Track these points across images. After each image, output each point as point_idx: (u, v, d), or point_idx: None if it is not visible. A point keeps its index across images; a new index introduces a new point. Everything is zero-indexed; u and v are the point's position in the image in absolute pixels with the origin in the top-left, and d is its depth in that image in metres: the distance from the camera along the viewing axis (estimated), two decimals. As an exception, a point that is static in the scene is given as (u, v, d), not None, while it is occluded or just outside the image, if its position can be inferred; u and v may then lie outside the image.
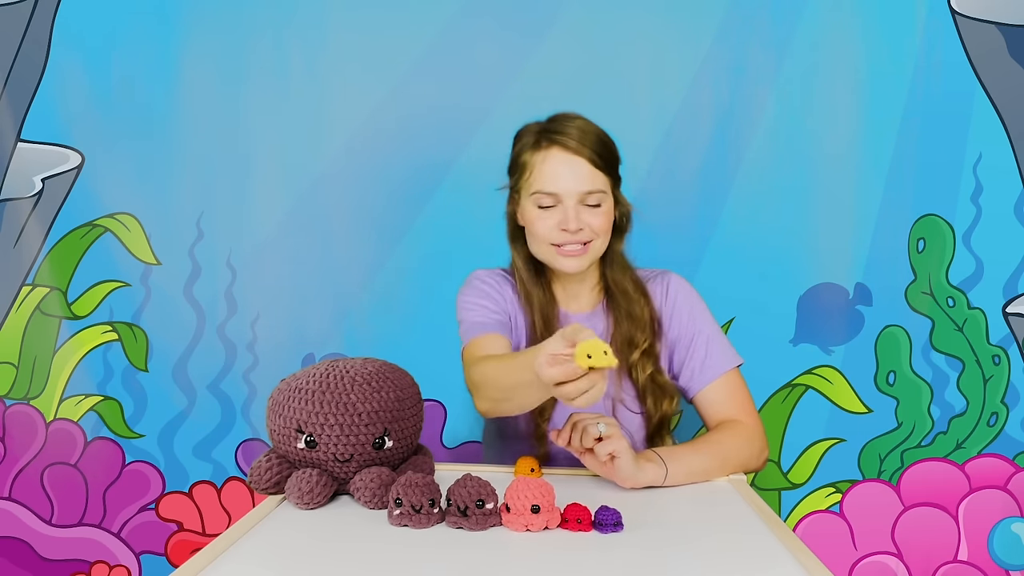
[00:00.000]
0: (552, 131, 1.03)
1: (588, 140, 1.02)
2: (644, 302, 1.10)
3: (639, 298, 1.10)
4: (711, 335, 1.11)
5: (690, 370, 1.10)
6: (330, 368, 0.84)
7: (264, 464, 0.84)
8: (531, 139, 1.05)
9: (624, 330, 1.09)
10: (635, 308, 1.09)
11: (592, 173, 1.01)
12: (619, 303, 1.10)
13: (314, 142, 1.54)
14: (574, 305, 1.14)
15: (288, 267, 1.56)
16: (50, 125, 1.54)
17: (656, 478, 0.89)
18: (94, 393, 1.59)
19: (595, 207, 1.03)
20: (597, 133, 1.04)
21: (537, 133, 1.05)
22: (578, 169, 1.01)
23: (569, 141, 1.01)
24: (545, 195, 1.02)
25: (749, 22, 1.47)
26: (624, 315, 1.10)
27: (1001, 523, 1.52)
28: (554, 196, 1.02)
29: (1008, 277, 1.48)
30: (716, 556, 0.70)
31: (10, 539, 1.61)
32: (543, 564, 0.67)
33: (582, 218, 1.02)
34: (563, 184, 1.01)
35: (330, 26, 1.51)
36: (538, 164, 1.03)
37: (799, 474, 1.55)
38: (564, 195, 1.01)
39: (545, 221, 1.03)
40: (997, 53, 1.44)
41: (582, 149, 1.01)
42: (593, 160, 1.01)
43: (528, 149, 1.05)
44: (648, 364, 1.08)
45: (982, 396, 1.51)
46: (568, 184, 1.01)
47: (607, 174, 1.04)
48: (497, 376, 0.93)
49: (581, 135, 1.02)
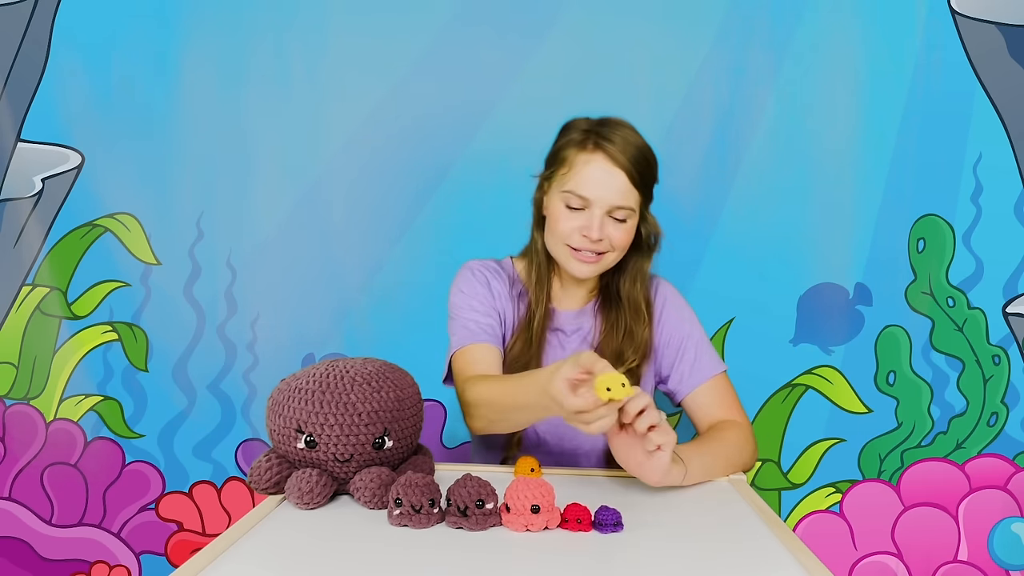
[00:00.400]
0: (600, 135, 1.02)
1: (631, 153, 1.01)
2: (648, 325, 1.11)
3: (645, 318, 1.10)
4: (699, 339, 1.13)
5: (680, 373, 1.11)
6: (330, 368, 0.84)
7: (264, 464, 0.84)
8: (578, 136, 1.04)
9: (615, 343, 1.10)
10: (638, 327, 1.09)
11: (627, 188, 1.01)
12: (621, 315, 1.10)
13: (314, 142, 1.54)
14: (564, 303, 1.15)
15: (288, 267, 1.56)
16: (50, 125, 1.54)
17: (678, 477, 0.88)
18: (94, 393, 1.59)
19: (621, 222, 1.03)
20: (641, 148, 1.03)
21: (584, 132, 1.04)
22: (615, 181, 1.01)
23: (614, 150, 1.00)
24: (576, 197, 1.02)
25: (749, 23, 1.47)
26: (623, 328, 1.10)
27: (1001, 523, 1.52)
28: (584, 200, 1.02)
29: (1008, 277, 1.48)
30: (716, 556, 0.70)
31: (10, 539, 1.61)
32: (543, 564, 0.67)
33: (606, 229, 1.02)
34: (596, 191, 1.01)
35: (330, 26, 1.51)
36: (579, 164, 1.02)
37: (799, 474, 1.55)
38: (595, 202, 1.01)
39: (569, 222, 1.03)
40: (997, 53, 1.44)
41: (624, 161, 1.00)
42: (631, 175, 1.01)
43: (573, 146, 1.04)
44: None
45: (982, 396, 1.51)
46: (601, 193, 1.01)
47: (641, 192, 1.03)
48: (500, 397, 0.93)
49: (625, 146, 1.01)
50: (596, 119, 1.06)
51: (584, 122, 1.06)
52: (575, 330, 1.14)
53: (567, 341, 1.13)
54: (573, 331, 1.14)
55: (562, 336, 1.13)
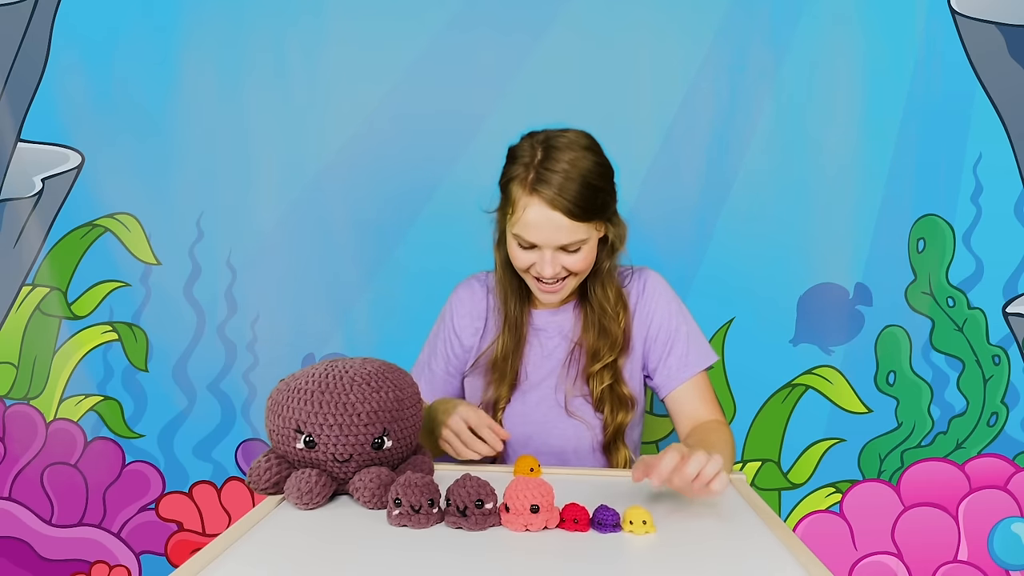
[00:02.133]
0: (539, 175, 0.99)
1: (571, 191, 0.98)
2: (622, 316, 1.11)
3: (617, 312, 1.11)
4: (688, 333, 1.13)
5: (666, 368, 1.12)
6: (329, 368, 0.84)
7: (263, 464, 0.84)
8: (520, 172, 1.01)
9: (591, 341, 1.11)
10: (610, 324, 1.10)
11: (570, 226, 0.99)
12: (594, 312, 1.11)
13: (314, 142, 1.54)
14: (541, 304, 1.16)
15: (288, 267, 1.56)
16: (50, 125, 1.54)
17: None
18: (94, 393, 1.59)
19: (574, 251, 1.03)
20: (583, 177, 0.99)
21: (526, 166, 1.01)
22: (556, 224, 0.99)
23: (551, 193, 0.97)
24: (524, 240, 1.02)
25: (749, 22, 1.47)
26: (596, 328, 1.11)
27: (1001, 523, 1.52)
28: (531, 243, 1.02)
29: (1008, 277, 1.48)
30: (716, 556, 0.70)
31: (10, 539, 1.61)
32: (542, 564, 0.67)
33: (559, 262, 1.03)
34: (540, 236, 1.01)
35: (330, 27, 1.51)
36: (520, 208, 1.01)
37: (799, 474, 1.55)
38: (542, 245, 1.02)
39: (524, 257, 1.05)
40: (997, 53, 1.44)
41: (563, 203, 0.98)
42: (572, 213, 0.98)
43: (517, 183, 1.01)
44: (607, 376, 1.10)
45: (982, 396, 1.51)
46: (545, 236, 1.01)
47: (589, 221, 1.01)
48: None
49: (564, 183, 0.97)
50: (541, 140, 1.02)
51: (528, 149, 1.02)
52: (555, 329, 1.15)
53: (548, 340, 1.15)
54: (554, 331, 1.15)
55: (543, 336, 1.15)
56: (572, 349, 1.13)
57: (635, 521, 0.74)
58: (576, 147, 1.01)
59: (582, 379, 1.12)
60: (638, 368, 1.14)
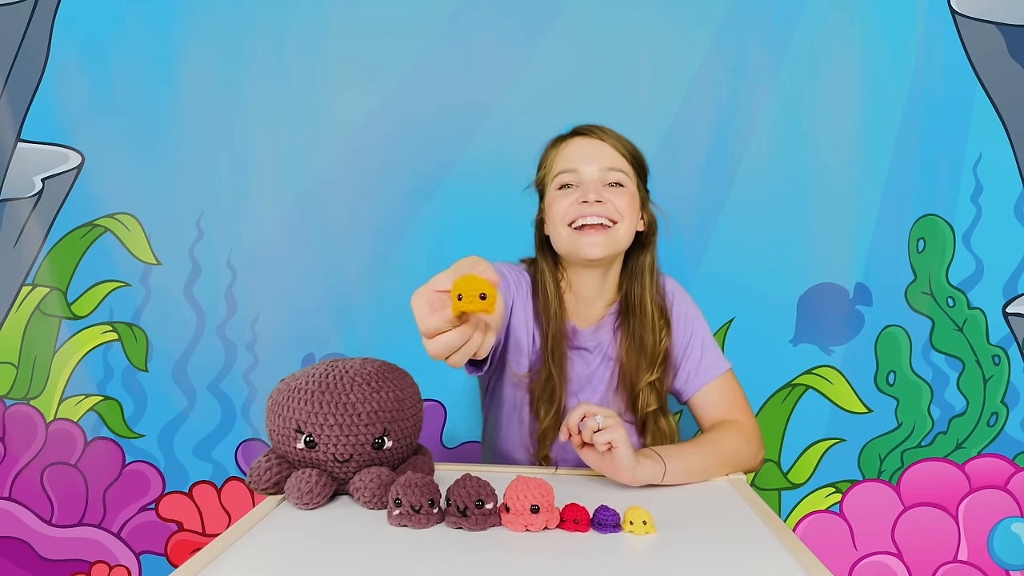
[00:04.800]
0: (576, 129, 1.06)
1: (612, 133, 1.04)
2: (665, 333, 1.07)
3: (658, 325, 1.07)
4: (705, 338, 1.12)
5: (686, 372, 1.10)
6: (329, 368, 0.84)
7: (263, 464, 0.84)
8: (556, 139, 1.08)
9: (634, 358, 1.06)
10: (648, 336, 1.06)
11: (614, 155, 1.03)
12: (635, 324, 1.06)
13: (314, 142, 1.54)
14: (583, 320, 1.11)
15: (288, 267, 1.56)
16: (50, 125, 1.54)
17: (655, 475, 0.88)
18: (94, 393, 1.59)
19: (618, 186, 1.02)
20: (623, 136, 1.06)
21: (562, 136, 1.08)
22: (601, 150, 1.02)
23: (593, 130, 1.04)
24: (566, 172, 1.02)
25: (749, 22, 1.47)
26: (636, 341, 1.06)
27: (1001, 523, 1.52)
28: (575, 173, 1.02)
29: (1008, 277, 1.48)
30: (716, 556, 0.70)
31: (10, 539, 1.61)
32: (542, 564, 0.67)
33: (604, 194, 1.00)
34: (584, 159, 1.02)
35: (330, 26, 1.51)
36: (561, 151, 1.05)
37: (799, 474, 1.55)
38: (585, 170, 1.01)
39: (566, 199, 1.02)
40: (997, 53, 1.44)
41: (606, 136, 1.03)
42: (617, 147, 1.03)
43: (552, 147, 1.08)
44: (653, 400, 1.06)
45: (982, 396, 1.51)
46: (589, 157, 1.02)
47: (631, 164, 1.04)
48: None
49: (605, 129, 1.05)
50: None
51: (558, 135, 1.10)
52: (595, 346, 1.11)
53: (591, 359, 1.11)
54: (594, 347, 1.11)
55: (586, 355, 1.11)
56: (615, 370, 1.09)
57: (635, 521, 0.74)
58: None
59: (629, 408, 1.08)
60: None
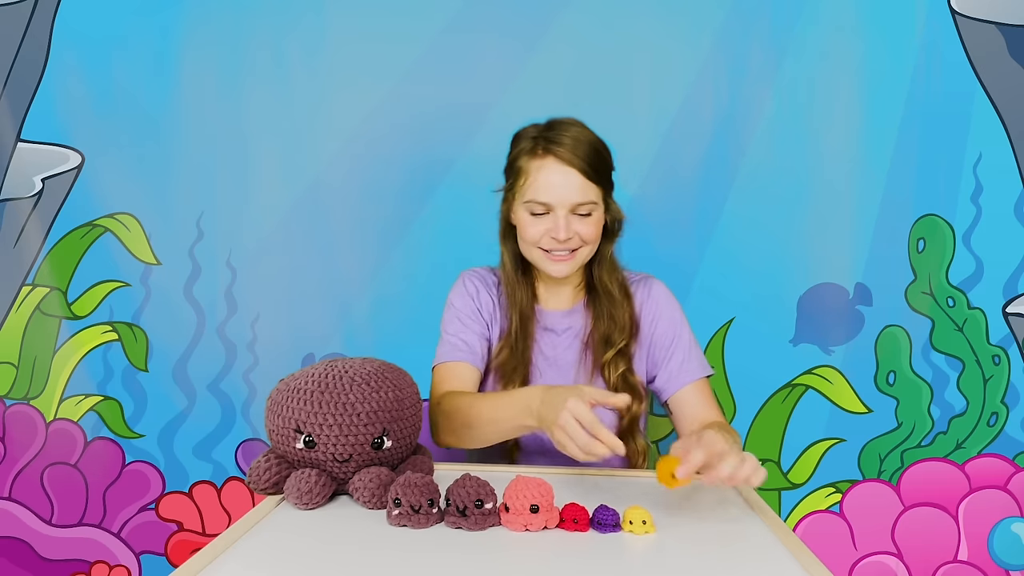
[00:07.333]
0: (548, 139, 1.04)
1: (582, 151, 1.03)
2: (627, 304, 1.13)
3: (622, 300, 1.13)
4: (689, 341, 1.15)
5: (668, 372, 1.13)
6: (329, 368, 0.84)
7: (263, 464, 0.84)
8: (528, 144, 1.06)
9: (603, 329, 1.12)
10: (617, 310, 1.12)
11: (584, 185, 1.03)
12: (602, 303, 1.13)
13: (314, 142, 1.54)
14: (552, 303, 1.17)
15: (288, 267, 1.56)
16: (50, 125, 1.54)
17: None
18: (94, 393, 1.59)
19: (586, 216, 1.05)
20: (592, 142, 1.05)
21: (534, 139, 1.06)
22: (571, 180, 1.03)
23: (563, 151, 1.02)
24: (538, 204, 1.04)
25: (749, 23, 1.47)
26: (605, 315, 1.12)
27: (1001, 523, 1.52)
28: (546, 206, 1.04)
29: (1008, 277, 1.48)
30: (716, 556, 0.70)
31: (10, 539, 1.61)
32: (542, 564, 0.67)
33: (572, 227, 1.04)
34: (555, 195, 1.03)
35: (330, 27, 1.51)
36: (533, 172, 1.05)
37: (799, 474, 1.55)
38: (556, 205, 1.04)
39: (536, 227, 1.06)
40: (997, 53, 1.44)
41: (576, 160, 1.02)
42: (586, 172, 1.03)
43: (525, 155, 1.06)
44: (621, 363, 1.11)
45: (982, 396, 1.51)
46: (560, 195, 1.03)
47: (599, 184, 1.05)
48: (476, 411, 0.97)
49: (575, 145, 1.03)
50: (544, 123, 1.08)
51: (532, 129, 1.08)
52: (566, 329, 1.16)
53: (558, 340, 1.15)
54: (564, 330, 1.16)
55: (553, 336, 1.16)
56: (585, 341, 1.14)
57: (635, 521, 0.74)
58: (578, 124, 1.07)
59: (596, 371, 1.12)
60: (643, 366, 1.15)
